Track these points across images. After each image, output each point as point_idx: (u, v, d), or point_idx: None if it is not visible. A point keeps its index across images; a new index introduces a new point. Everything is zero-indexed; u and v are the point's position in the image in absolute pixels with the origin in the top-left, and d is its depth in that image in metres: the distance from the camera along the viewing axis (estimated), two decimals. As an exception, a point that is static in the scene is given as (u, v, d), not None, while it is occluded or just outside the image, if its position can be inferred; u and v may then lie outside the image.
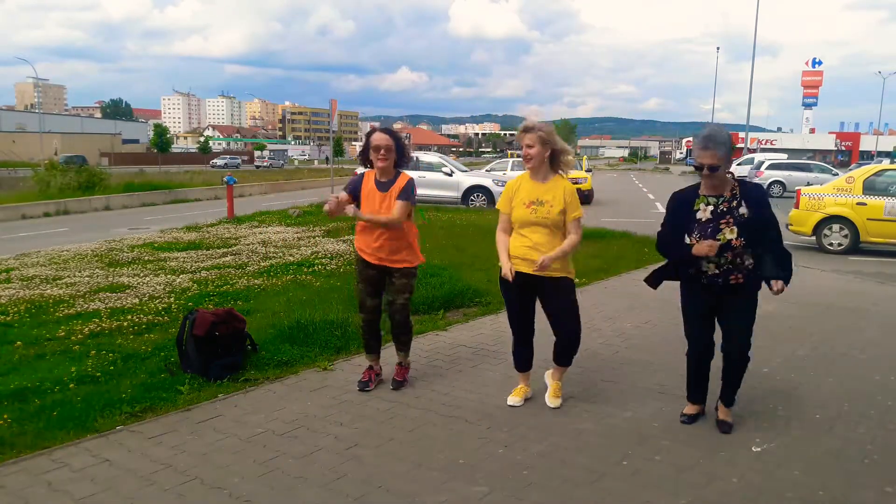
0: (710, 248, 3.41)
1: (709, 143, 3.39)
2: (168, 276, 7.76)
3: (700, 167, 3.43)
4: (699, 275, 3.55)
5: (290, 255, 9.11)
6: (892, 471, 3.28)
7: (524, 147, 3.82)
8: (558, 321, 3.96)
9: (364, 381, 4.32)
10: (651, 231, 9.37)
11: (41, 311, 6.21)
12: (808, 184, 16.78)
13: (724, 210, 3.47)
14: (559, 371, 4.14)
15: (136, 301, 6.52)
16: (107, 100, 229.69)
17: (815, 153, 55.16)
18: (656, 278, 3.75)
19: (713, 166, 3.40)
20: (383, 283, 4.29)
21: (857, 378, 4.60)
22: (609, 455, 3.41)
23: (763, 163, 27.25)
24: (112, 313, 6.04)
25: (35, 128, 68.50)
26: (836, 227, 11.23)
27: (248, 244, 10.38)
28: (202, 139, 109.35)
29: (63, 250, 10.27)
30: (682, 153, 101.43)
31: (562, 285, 3.89)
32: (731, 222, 3.44)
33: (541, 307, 4.02)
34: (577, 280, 4.17)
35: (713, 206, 3.50)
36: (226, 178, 16.42)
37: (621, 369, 4.72)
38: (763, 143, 66.00)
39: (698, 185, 3.60)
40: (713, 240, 3.42)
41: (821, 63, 76.56)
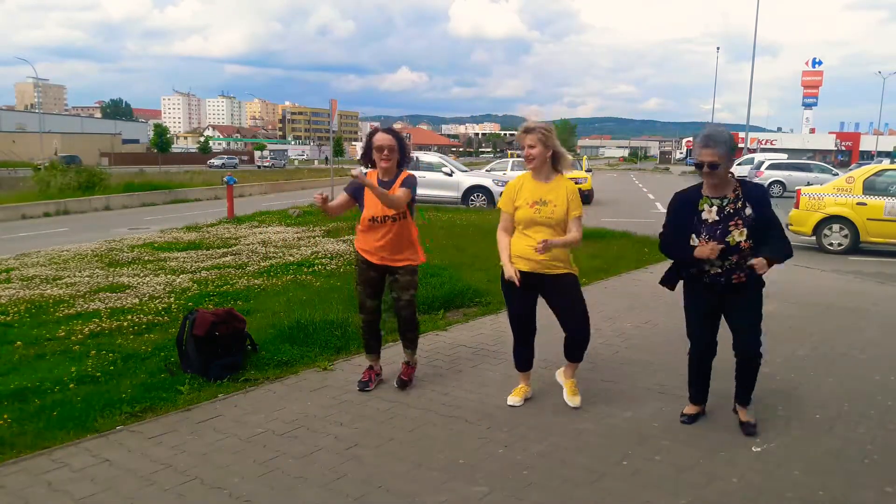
0: (711, 251, 3.41)
1: (709, 142, 3.41)
2: (168, 276, 7.76)
3: (700, 165, 3.44)
4: (702, 274, 3.56)
5: (290, 255, 9.10)
6: (892, 471, 3.28)
7: (526, 147, 3.82)
8: (565, 316, 3.94)
9: (364, 381, 4.32)
10: (651, 231, 9.39)
11: (41, 311, 6.21)
12: (808, 184, 16.78)
13: (732, 212, 3.47)
14: (571, 368, 4.12)
15: (136, 301, 6.52)
16: (107, 100, 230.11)
17: (815, 153, 55.15)
18: (669, 279, 3.75)
19: (713, 164, 3.40)
20: (383, 284, 4.30)
21: (857, 378, 4.60)
22: (609, 455, 3.41)
23: (763, 163, 27.29)
24: (112, 313, 6.04)
25: (35, 128, 68.55)
26: (836, 227, 11.23)
27: (248, 244, 10.38)
28: (202, 139, 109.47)
29: (63, 250, 10.27)
30: (682, 153, 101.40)
31: (565, 281, 3.88)
32: (739, 224, 3.43)
33: (542, 306, 4.01)
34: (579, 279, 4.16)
35: (718, 208, 3.49)
36: (226, 178, 16.42)
37: (621, 369, 4.72)
38: (763, 143, 66.01)
39: (700, 186, 3.60)
40: (719, 242, 3.42)
41: (821, 63, 76.53)
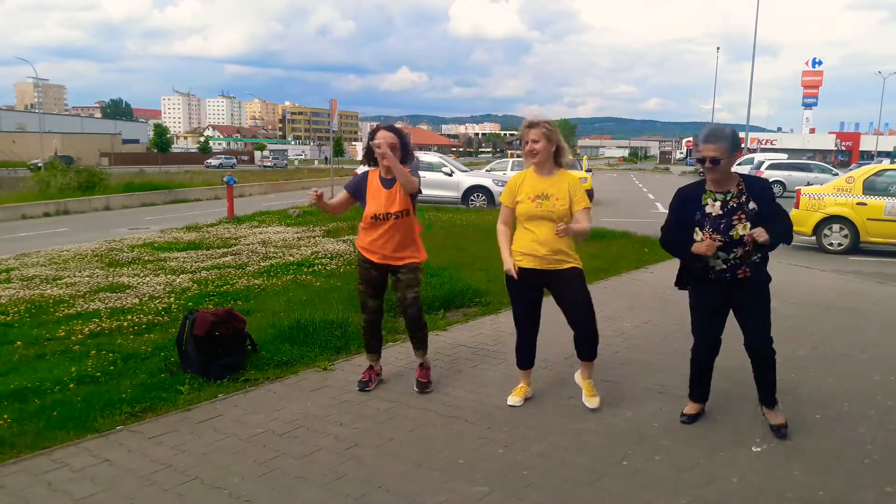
0: (707, 248, 3.42)
1: (711, 137, 3.43)
2: (168, 276, 7.76)
3: (703, 160, 3.45)
4: (707, 270, 3.56)
5: (290, 255, 9.09)
6: (892, 471, 3.27)
7: (529, 142, 3.80)
8: (571, 310, 3.90)
9: (364, 381, 4.32)
10: (651, 231, 9.39)
11: (41, 311, 6.21)
12: (808, 184, 16.79)
13: (735, 206, 3.48)
14: (587, 368, 4.06)
15: (136, 301, 6.52)
16: (107, 100, 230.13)
17: (815, 153, 55.14)
18: (683, 280, 3.73)
19: (715, 159, 3.41)
20: (385, 284, 4.28)
21: (857, 378, 4.60)
22: (609, 455, 3.41)
23: (763, 163, 27.29)
24: (112, 313, 6.04)
25: (35, 128, 68.46)
26: (836, 227, 11.22)
27: (248, 244, 10.37)
28: (202, 139, 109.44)
29: (63, 250, 10.27)
30: (682, 153, 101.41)
31: (570, 275, 3.85)
32: (742, 218, 3.44)
33: (548, 304, 3.99)
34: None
35: (721, 202, 3.50)
36: (226, 178, 16.43)
37: (621, 369, 4.72)
38: (763, 143, 65.96)
39: (703, 182, 3.60)
40: (723, 236, 3.42)
41: (821, 63, 76.51)
